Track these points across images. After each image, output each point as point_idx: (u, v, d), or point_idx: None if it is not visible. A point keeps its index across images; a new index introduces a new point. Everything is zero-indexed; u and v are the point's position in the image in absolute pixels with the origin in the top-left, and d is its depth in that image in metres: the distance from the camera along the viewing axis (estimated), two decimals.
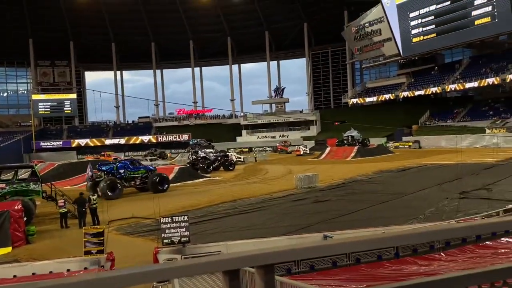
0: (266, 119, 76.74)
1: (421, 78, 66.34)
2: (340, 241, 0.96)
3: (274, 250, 0.93)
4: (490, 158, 31.32)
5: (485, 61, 59.40)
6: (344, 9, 76.73)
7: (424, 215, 15.09)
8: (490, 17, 52.94)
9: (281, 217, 16.45)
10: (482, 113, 55.95)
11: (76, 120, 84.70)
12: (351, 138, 48.71)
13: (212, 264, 0.93)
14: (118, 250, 11.54)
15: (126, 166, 26.06)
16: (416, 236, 1.45)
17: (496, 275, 1.19)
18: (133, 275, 0.94)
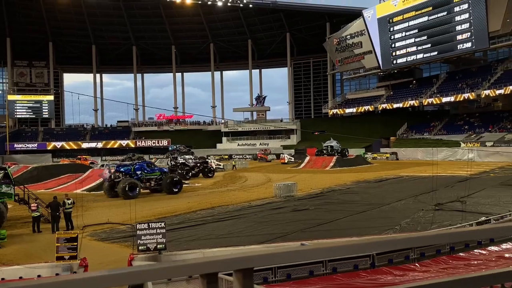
0: (247, 126, 76.82)
1: (400, 91, 67.71)
2: (319, 246, 0.96)
3: (254, 254, 0.92)
4: (464, 171, 32.07)
5: (461, 76, 61.12)
6: (326, 20, 77.92)
7: (400, 226, 15.30)
8: (467, 34, 54.61)
9: (259, 225, 16.40)
10: (458, 127, 57.38)
11: (53, 122, 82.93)
12: (331, 148, 49.18)
13: (190, 267, 0.92)
14: (92, 256, 11.29)
15: (142, 168, 27.16)
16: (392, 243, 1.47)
17: (468, 284, 1.21)
18: (108, 276, 0.92)
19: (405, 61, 63.91)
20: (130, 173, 26.32)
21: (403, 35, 62.74)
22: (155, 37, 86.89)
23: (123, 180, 25.15)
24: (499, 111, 56.86)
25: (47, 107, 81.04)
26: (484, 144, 47.94)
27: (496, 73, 55.64)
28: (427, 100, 60.85)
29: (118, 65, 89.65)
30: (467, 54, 58.34)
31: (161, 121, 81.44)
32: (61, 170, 37.95)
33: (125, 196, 23.86)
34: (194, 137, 74.36)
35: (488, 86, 53.70)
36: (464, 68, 62.62)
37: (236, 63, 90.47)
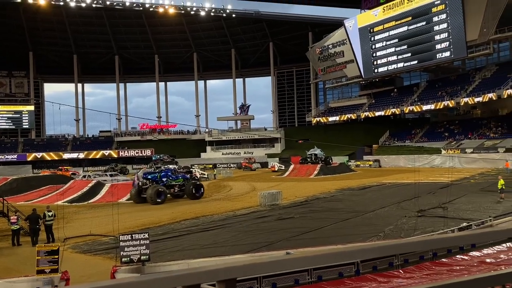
0: (231, 135, 76.74)
1: (381, 100, 68.72)
2: (301, 255, 0.97)
3: (236, 265, 0.92)
4: (446, 178, 32.60)
5: (440, 85, 62.41)
6: (308, 30, 78.83)
7: (383, 233, 15.44)
8: (446, 44, 55.92)
9: (244, 234, 16.34)
10: (438, 135, 58.43)
11: (33, 132, 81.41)
12: (315, 156, 49.47)
13: (172, 279, 0.91)
14: (74, 269, 11.07)
15: (168, 175, 28.52)
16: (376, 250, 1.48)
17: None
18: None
19: (386, 70, 64.98)
20: (157, 180, 27.70)
21: (383, 44, 63.86)
22: (138, 46, 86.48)
23: (151, 186, 26.49)
24: (478, 118, 58.16)
25: (27, 117, 79.60)
26: (464, 150, 48.89)
27: (474, 81, 57.00)
28: (408, 108, 61.88)
29: (100, 75, 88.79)
30: (446, 63, 59.66)
31: (144, 130, 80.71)
32: (42, 182, 37.21)
33: (153, 201, 25.43)
34: (178, 147, 73.86)
35: (466, 94, 54.94)
36: (444, 77, 64.01)
37: (220, 72, 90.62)
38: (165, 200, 26.50)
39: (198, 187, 28.25)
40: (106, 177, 36.24)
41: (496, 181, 23.96)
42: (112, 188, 29.43)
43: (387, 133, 65.21)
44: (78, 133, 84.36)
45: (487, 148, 47.54)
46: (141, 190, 26.93)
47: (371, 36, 65.20)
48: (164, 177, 28.13)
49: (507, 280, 1.31)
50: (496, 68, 57.35)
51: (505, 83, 49.67)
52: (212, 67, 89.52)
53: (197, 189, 28.00)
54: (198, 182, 29.20)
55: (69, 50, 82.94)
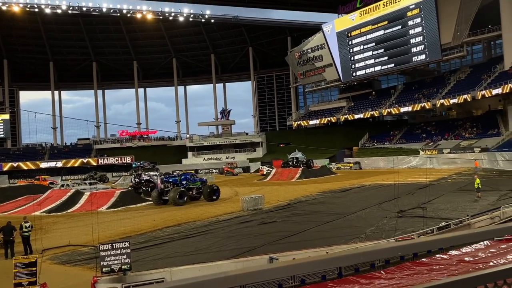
0: (212, 141, 76.50)
1: (360, 103, 69.68)
2: (284, 264, 0.97)
3: (219, 276, 0.91)
4: (424, 178, 33.21)
5: (417, 87, 63.71)
6: (287, 35, 79.43)
7: (365, 234, 15.60)
8: (421, 47, 57.15)
9: (227, 240, 16.26)
10: (416, 136, 59.55)
11: (9, 142, 79.40)
12: (296, 159, 49.71)
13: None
14: (53, 281, 10.81)
15: (187, 178, 30.36)
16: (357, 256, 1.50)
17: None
18: None
19: (364, 73, 65.95)
20: (177, 183, 29.43)
21: (361, 48, 64.85)
22: (116, 52, 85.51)
23: (173, 189, 28.14)
24: (454, 119, 59.54)
25: (2, 126, 77.58)
26: (441, 151, 49.93)
27: (450, 83, 58.39)
28: (387, 110, 62.90)
29: (78, 82, 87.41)
30: (422, 66, 60.97)
31: (124, 137, 79.71)
32: (19, 192, 36.28)
33: (175, 203, 27.13)
34: (159, 153, 73.23)
35: (442, 96, 56.22)
36: (420, 79, 65.39)
37: (200, 77, 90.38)
38: (186, 201, 27.88)
39: (214, 191, 29.73)
40: (85, 185, 35.57)
41: (473, 180, 24.55)
42: (92, 196, 28.88)
43: (367, 136, 66.10)
44: (55, 142, 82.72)
45: (463, 148, 48.68)
46: (162, 192, 28.65)
47: (349, 40, 66.12)
48: (184, 180, 29.94)
49: (485, 280, 1.34)
50: (470, 70, 58.92)
51: (479, 85, 51.03)
52: (192, 73, 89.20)
53: (214, 192, 29.49)
54: (214, 186, 30.55)
55: (45, 57, 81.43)
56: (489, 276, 1.33)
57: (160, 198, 28.55)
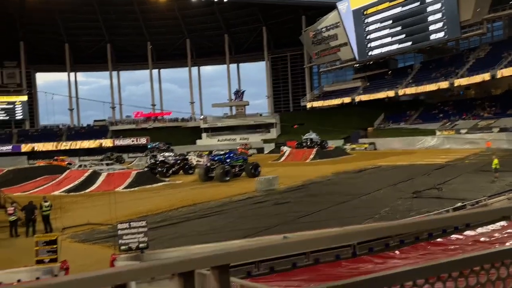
0: (226, 122, 76.57)
1: (376, 82, 68.63)
2: (294, 240, 0.98)
3: (228, 251, 0.93)
4: (440, 159, 32.85)
5: (434, 66, 62.33)
6: (301, 13, 78.07)
7: (379, 215, 15.59)
8: (440, 24, 55.69)
9: (241, 220, 16.44)
10: (433, 116, 58.60)
11: (27, 123, 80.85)
12: (310, 140, 49.53)
13: (167, 267, 0.92)
14: (73, 258, 11.12)
15: (231, 157, 32.21)
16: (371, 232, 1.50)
17: (443, 268, 1.26)
18: (88, 279, 0.91)
19: (380, 52, 64.72)
20: (222, 161, 31.14)
21: (377, 26, 63.49)
22: (130, 34, 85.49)
23: (219, 166, 29.84)
24: (472, 98, 58.34)
25: (20, 108, 78.93)
26: (458, 131, 49.13)
27: (468, 62, 56.99)
28: (403, 90, 61.88)
29: (93, 63, 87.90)
30: (440, 44, 59.48)
31: (139, 119, 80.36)
32: (38, 172, 37.07)
33: (221, 179, 28.67)
34: (173, 134, 73.71)
35: (460, 75, 54.97)
36: (438, 58, 63.87)
37: (213, 58, 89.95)
38: (231, 178, 29.37)
39: (255, 167, 31.46)
40: (102, 166, 36.17)
41: (490, 161, 24.17)
42: (109, 177, 29.41)
43: (382, 116, 65.31)
44: (72, 123, 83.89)
45: (481, 128, 47.81)
46: (208, 170, 30.49)
47: (365, 18, 64.75)
48: (228, 159, 31.61)
49: (500, 257, 1.33)
50: (490, 47, 57.30)
51: (499, 63, 49.71)
52: (206, 53, 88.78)
53: (255, 169, 31.18)
54: (255, 163, 32.58)
55: (60, 38, 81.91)
56: (505, 254, 1.32)
57: (206, 175, 30.26)
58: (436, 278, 1.20)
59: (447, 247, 9.04)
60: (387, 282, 1.12)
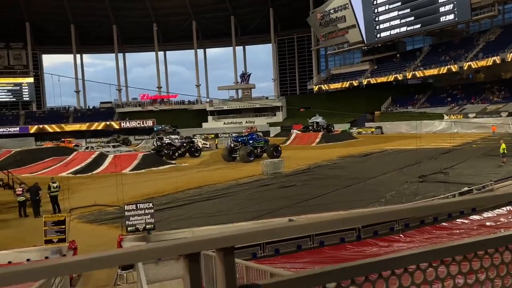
0: (232, 105, 76.39)
1: (384, 65, 67.85)
2: (299, 223, 0.99)
3: (233, 233, 0.94)
4: (447, 143, 32.63)
5: (444, 49, 61.41)
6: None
7: (385, 199, 15.61)
8: (450, 6, 54.64)
9: (247, 202, 16.56)
10: (441, 100, 58.02)
11: (34, 105, 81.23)
12: (316, 124, 49.37)
13: (174, 248, 0.93)
14: (81, 239, 11.30)
15: (253, 138, 33.81)
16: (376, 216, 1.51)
17: (447, 252, 1.26)
18: (97, 259, 0.93)
19: (388, 34, 63.80)
20: (245, 142, 32.52)
21: (386, 8, 62.44)
22: (136, 15, 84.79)
23: (243, 148, 31.19)
24: (481, 82, 57.56)
25: (27, 89, 79.20)
26: (466, 115, 48.68)
27: (478, 45, 56.05)
28: (411, 73, 61.18)
29: (99, 45, 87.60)
30: (450, 26, 58.46)
31: (145, 101, 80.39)
32: (45, 154, 37.47)
33: (245, 160, 29.87)
34: (179, 117, 73.75)
35: (470, 58, 54.16)
36: (447, 41, 62.84)
37: (220, 40, 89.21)
38: (254, 159, 30.37)
39: (276, 148, 32.51)
40: (108, 148, 36.42)
41: (498, 145, 23.98)
42: (115, 159, 29.63)
43: (389, 100, 64.75)
44: (78, 105, 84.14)
45: (490, 113, 47.30)
46: (232, 151, 31.87)
47: (373, 0, 63.65)
48: (251, 140, 33.12)
49: (504, 242, 1.33)
50: (501, 30, 56.22)
51: (510, 46, 48.84)
52: (212, 35, 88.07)
53: (276, 150, 32.04)
54: (276, 144, 33.98)
55: (66, 19, 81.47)
56: (509, 238, 1.32)
57: (230, 156, 31.56)
58: (440, 262, 1.21)
59: (452, 231, 9.07)
60: (390, 266, 1.13)
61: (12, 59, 78.43)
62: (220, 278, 0.94)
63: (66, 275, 8.09)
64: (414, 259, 1.14)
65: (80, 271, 0.95)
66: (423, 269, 1.18)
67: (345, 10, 67.96)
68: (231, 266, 0.96)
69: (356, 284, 1.07)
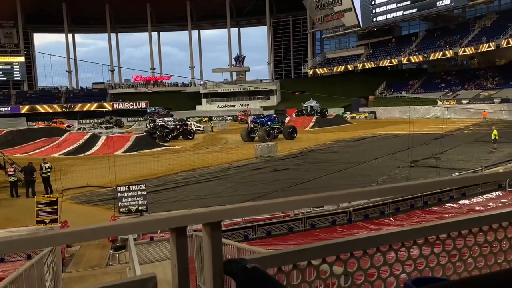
0: (226, 88, 75.94)
1: (379, 50, 67.60)
2: (283, 200, 1.00)
3: (220, 208, 0.95)
4: (440, 129, 32.82)
5: (439, 34, 61.21)
6: None
7: (376, 183, 15.75)
8: None
9: (240, 185, 16.64)
10: (435, 85, 58.12)
11: (25, 84, 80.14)
12: (310, 108, 49.32)
13: (160, 222, 0.94)
14: (73, 219, 11.33)
15: (271, 119, 35.38)
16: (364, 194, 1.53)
17: (432, 231, 1.29)
18: (84, 231, 0.94)
19: (384, 18, 63.40)
20: (264, 123, 33.82)
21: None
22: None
23: (261, 128, 32.47)
24: (475, 68, 57.65)
25: (18, 69, 78.01)
26: (460, 101, 48.87)
27: (474, 31, 55.93)
28: (406, 58, 61.06)
29: (91, 24, 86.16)
30: (446, 11, 58.17)
31: (138, 82, 79.59)
32: (37, 134, 37.18)
33: (263, 140, 30.53)
34: (173, 99, 73.29)
35: (465, 44, 54.09)
36: (443, 26, 62.59)
37: (214, 21, 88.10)
38: (272, 139, 31.50)
39: (293, 130, 34.12)
40: (101, 129, 36.21)
41: (490, 131, 24.19)
42: (108, 140, 29.50)
43: (384, 84, 64.75)
44: (71, 85, 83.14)
45: (483, 99, 47.52)
46: (250, 131, 33.19)
47: None
48: (268, 121, 34.48)
49: (487, 222, 1.36)
50: (497, 16, 56.06)
51: (505, 32, 48.79)
52: (206, 17, 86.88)
53: (293, 132, 33.81)
54: (293, 126, 35.41)
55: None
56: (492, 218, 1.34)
57: (249, 136, 32.97)
58: (424, 240, 1.23)
59: (442, 215, 9.20)
60: (374, 243, 1.15)
61: (2, 38, 77.02)
62: (207, 251, 0.95)
63: (58, 254, 8.13)
64: (398, 237, 1.17)
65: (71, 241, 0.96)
66: (408, 246, 1.20)
67: None
68: (218, 240, 0.97)
69: (341, 260, 1.09)
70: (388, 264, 1.15)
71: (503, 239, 1.35)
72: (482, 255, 1.34)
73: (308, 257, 1.05)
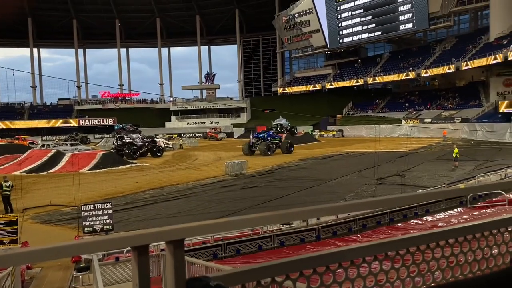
0: (196, 105, 75.72)
1: (346, 70, 69.47)
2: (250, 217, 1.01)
3: (182, 226, 0.95)
4: (404, 147, 33.83)
5: (403, 56, 63.65)
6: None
7: (344, 200, 15.98)
8: (409, 15, 56.76)
9: (209, 203, 16.48)
10: (399, 105, 60.05)
11: None
12: (280, 126, 49.81)
13: (121, 240, 0.93)
14: (35, 240, 10.87)
15: (271, 135, 37.19)
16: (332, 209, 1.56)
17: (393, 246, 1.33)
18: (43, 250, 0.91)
19: (351, 40, 65.40)
20: (264, 138, 35.88)
21: (349, 14, 63.98)
22: (97, 10, 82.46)
23: (262, 143, 34.66)
24: (437, 89, 60.06)
25: None
26: (423, 121, 50.64)
27: (435, 53, 58.49)
28: (371, 78, 62.96)
29: (58, 39, 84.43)
30: (408, 35, 60.69)
31: (106, 99, 78.16)
32: None
33: (264, 154, 33.10)
34: (142, 116, 72.31)
35: (427, 66, 56.40)
36: (406, 48, 65.24)
37: (185, 39, 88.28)
38: (273, 153, 33.95)
39: (291, 145, 36.06)
40: (66, 146, 35.19)
41: (451, 150, 25.12)
42: (73, 157, 28.68)
43: (351, 104, 66.34)
44: (35, 101, 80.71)
45: (445, 118, 49.43)
46: (251, 145, 34.88)
47: (337, 6, 65.09)
48: (268, 137, 36.49)
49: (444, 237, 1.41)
50: (456, 40, 58.96)
51: (464, 55, 51.27)
52: (176, 34, 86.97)
53: (290, 146, 35.71)
54: (290, 141, 37.18)
55: (23, 12, 78.03)
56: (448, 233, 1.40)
57: (249, 150, 34.55)
58: (384, 255, 1.27)
59: (406, 231, 9.41)
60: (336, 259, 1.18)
61: None
62: (170, 270, 0.94)
63: (17, 276, 7.76)
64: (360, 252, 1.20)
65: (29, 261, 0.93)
66: (369, 262, 1.24)
67: (309, 14, 69.09)
68: (181, 259, 0.96)
69: (304, 276, 1.11)
70: (350, 280, 1.18)
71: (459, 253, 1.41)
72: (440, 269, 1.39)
73: (272, 274, 1.06)
